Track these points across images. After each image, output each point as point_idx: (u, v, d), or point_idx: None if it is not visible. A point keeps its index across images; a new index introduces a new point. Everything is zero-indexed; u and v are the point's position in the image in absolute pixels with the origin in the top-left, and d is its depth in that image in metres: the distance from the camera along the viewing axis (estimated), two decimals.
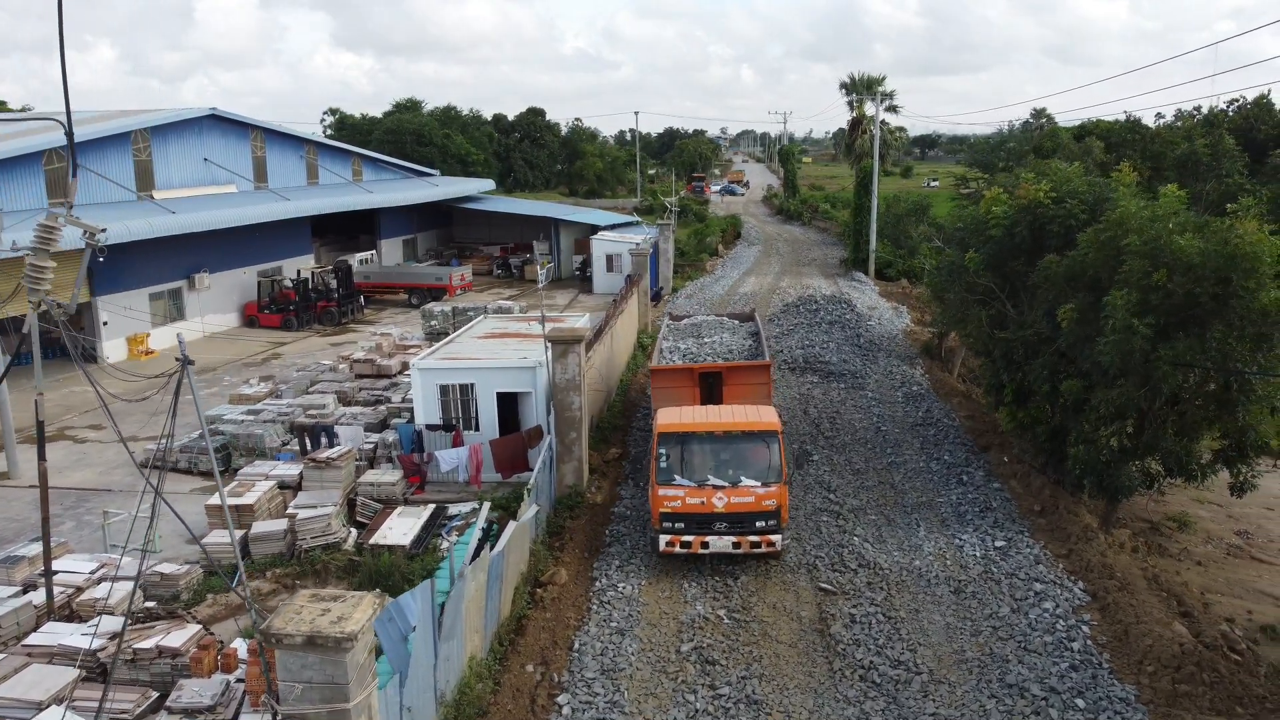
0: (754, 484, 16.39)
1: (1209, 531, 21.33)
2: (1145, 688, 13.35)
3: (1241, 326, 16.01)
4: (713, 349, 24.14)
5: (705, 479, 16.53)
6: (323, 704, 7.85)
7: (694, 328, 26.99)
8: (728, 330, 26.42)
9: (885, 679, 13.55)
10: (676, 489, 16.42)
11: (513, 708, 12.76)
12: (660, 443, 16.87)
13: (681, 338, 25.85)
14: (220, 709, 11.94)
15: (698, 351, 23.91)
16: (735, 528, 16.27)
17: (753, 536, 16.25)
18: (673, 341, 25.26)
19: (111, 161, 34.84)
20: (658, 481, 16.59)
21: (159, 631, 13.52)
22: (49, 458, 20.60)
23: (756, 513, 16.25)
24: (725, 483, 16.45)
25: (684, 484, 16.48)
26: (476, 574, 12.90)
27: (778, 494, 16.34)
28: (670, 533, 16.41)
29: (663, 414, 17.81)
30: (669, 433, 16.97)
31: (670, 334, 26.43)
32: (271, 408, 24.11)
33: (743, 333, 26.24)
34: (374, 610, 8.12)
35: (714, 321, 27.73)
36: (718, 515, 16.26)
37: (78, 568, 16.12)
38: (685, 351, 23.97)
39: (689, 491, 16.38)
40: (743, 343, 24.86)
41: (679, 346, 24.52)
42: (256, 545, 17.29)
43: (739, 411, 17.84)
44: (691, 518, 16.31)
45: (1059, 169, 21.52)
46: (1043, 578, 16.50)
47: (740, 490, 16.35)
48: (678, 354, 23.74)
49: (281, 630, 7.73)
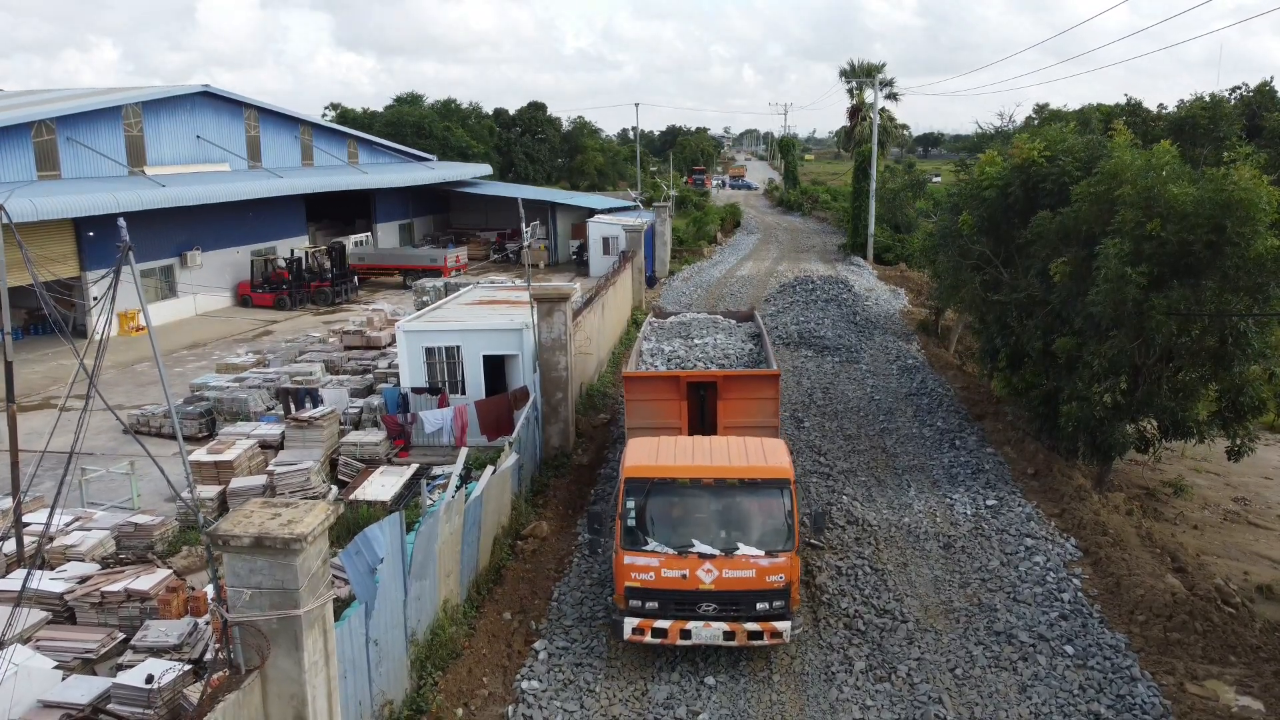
0: (755, 552, 12.07)
1: (1206, 498, 21.00)
2: (1136, 636, 13.06)
3: (1236, 277, 15.72)
4: (704, 352, 19.37)
5: (688, 544, 12.15)
6: (272, 610, 7.56)
7: (682, 326, 21.97)
8: (723, 330, 21.48)
9: (870, 626, 13.26)
10: (648, 556, 12.08)
11: (488, 651, 12.48)
12: (628, 491, 12.41)
13: (666, 338, 20.90)
14: (186, 649, 11.69)
15: (685, 355, 19.20)
16: (728, 611, 11.96)
17: (752, 624, 11.92)
18: (655, 342, 20.44)
19: (102, 136, 34.62)
20: (623, 545, 12.24)
21: (128, 575, 13.28)
22: (31, 425, 20.42)
23: (757, 591, 11.98)
24: (716, 549, 12.11)
25: (659, 550, 12.11)
26: (451, 516, 12.61)
27: (787, 566, 12.04)
28: (639, 614, 12.03)
29: (633, 450, 13.21)
30: (639, 478, 12.46)
31: (653, 333, 21.46)
32: (257, 375, 23.87)
33: (741, 334, 21.32)
34: (326, 516, 7.83)
35: (706, 320, 22.60)
36: (704, 594, 11.96)
37: (53, 520, 15.85)
38: (670, 355, 19.26)
39: (666, 560, 12.05)
40: (741, 346, 20.02)
41: (662, 349, 19.70)
42: (235, 500, 17.00)
43: (737, 450, 13.14)
44: (668, 596, 11.99)
45: (1053, 129, 21.23)
46: (1034, 534, 16.21)
47: (736, 561, 12.03)
48: (660, 357, 19.16)
49: (229, 532, 7.45)
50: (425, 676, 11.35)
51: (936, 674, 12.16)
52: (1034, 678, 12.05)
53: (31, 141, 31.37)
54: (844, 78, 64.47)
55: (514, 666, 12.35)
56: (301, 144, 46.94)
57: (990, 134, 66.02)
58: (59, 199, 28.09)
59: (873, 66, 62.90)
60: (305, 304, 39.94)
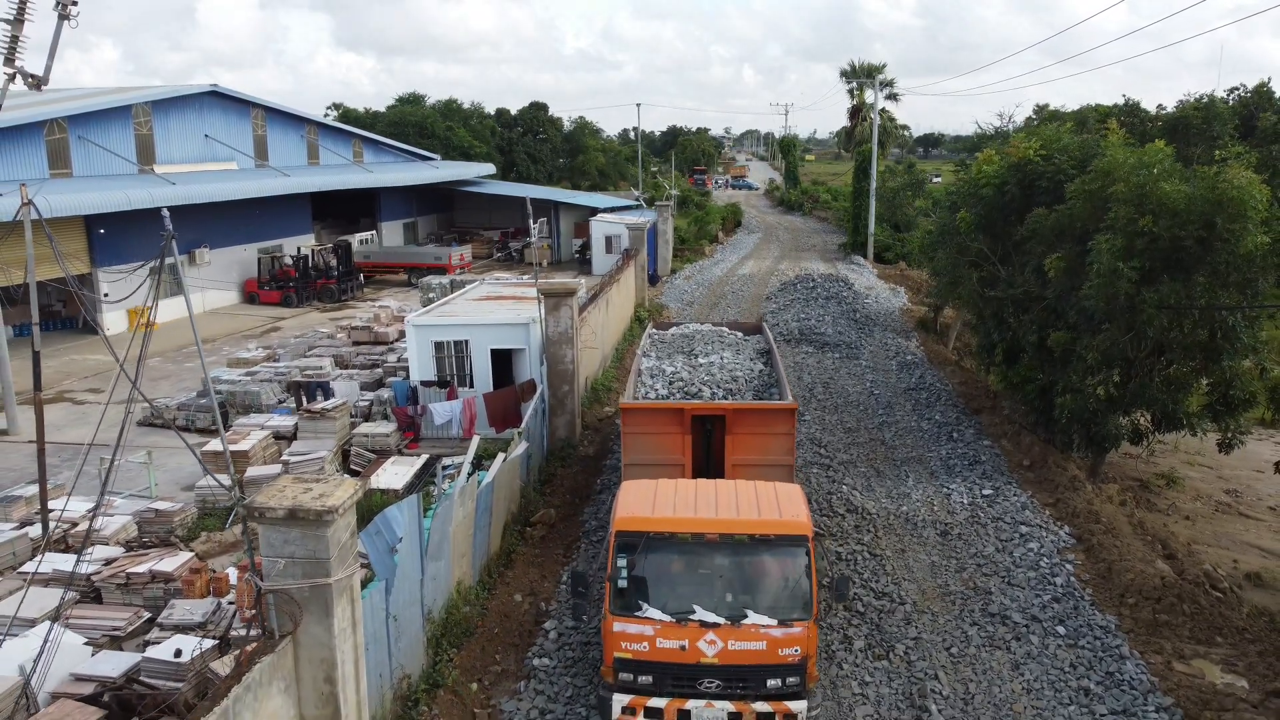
0: (766, 621, 10.41)
1: (1198, 490, 21.45)
2: (1126, 618, 13.52)
3: (1226, 273, 16.17)
4: (710, 374, 17.81)
5: (689, 609, 10.49)
6: (304, 579, 8.02)
7: (685, 340, 20.36)
8: (729, 346, 19.84)
9: (869, 608, 13.71)
10: (642, 624, 10.50)
11: (499, 630, 12.95)
12: (620, 547, 10.74)
13: (668, 355, 19.30)
14: (210, 626, 12.14)
15: (689, 378, 17.58)
16: (734, 688, 10.41)
17: (761, 705, 10.34)
18: (655, 360, 18.76)
19: (113, 134, 35.08)
20: (613, 610, 10.59)
21: (152, 557, 13.74)
22: (49, 418, 20.87)
23: (768, 667, 10.36)
24: (721, 617, 10.45)
25: (654, 616, 10.49)
26: (465, 501, 13.08)
27: (804, 638, 10.42)
28: (630, 690, 10.52)
29: (626, 497, 11.54)
30: (633, 531, 10.77)
31: (653, 348, 19.93)
32: (268, 369, 24.34)
33: (750, 351, 19.70)
34: (355, 491, 8.29)
35: (711, 333, 21.02)
36: (706, 668, 10.39)
37: (75, 507, 16.32)
38: (672, 377, 17.64)
39: (662, 629, 10.45)
40: (751, 366, 18.39)
41: (664, 369, 18.04)
42: (252, 489, 17.45)
43: (747, 498, 11.43)
44: (665, 670, 10.45)
45: (1049, 129, 21.69)
46: (1029, 522, 16.66)
47: (744, 630, 10.38)
48: (661, 380, 17.53)
49: (265, 504, 7.90)
50: (441, 653, 11.81)
51: (932, 652, 12.61)
52: (1026, 656, 12.51)
53: (44, 140, 31.83)
54: (844, 78, 65.05)
55: (525, 645, 12.81)
56: (307, 143, 47.41)
57: (990, 134, 66.55)
58: (72, 196, 28.57)
59: (873, 67, 63.44)
60: (312, 301, 40.40)
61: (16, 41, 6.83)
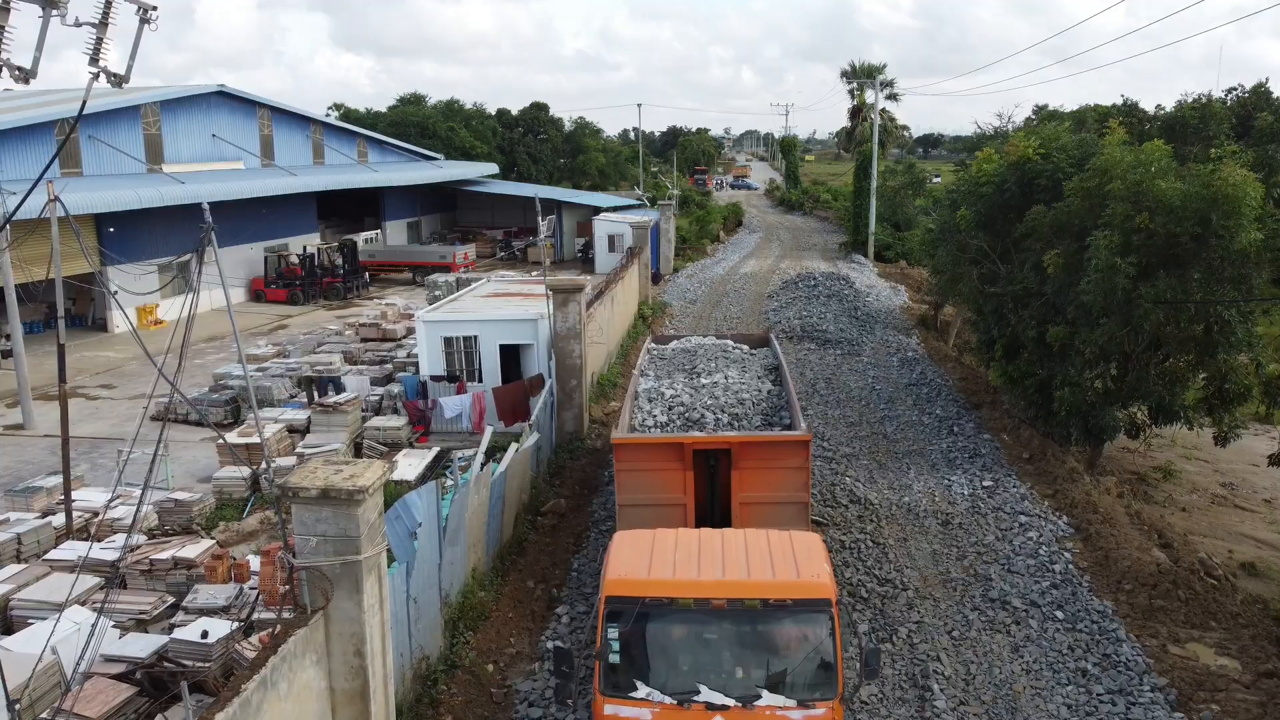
0: (784, 702, 8.72)
1: (1195, 483, 21.84)
2: (1122, 603, 13.88)
3: (1221, 268, 16.56)
4: (713, 396, 15.94)
5: (693, 689, 8.78)
6: (335, 556, 8.39)
7: (686, 357, 18.64)
8: (734, 363, 18.13)
9: (873, 594, 14.08)
10: (638, 706, 8.76)
11: (513, 615, 13.32)
12: (610, 616, 9.03)
13: (667, 373, 17.61)
14: (233, 610, 12.50)
15: (690, 401, 15.75)
16: None
17: None
18: (654, 380, 16.99)
19: (122, 133, 35.46)
20: (604, 691, 8.91)
21: (174, 545, 14.11)
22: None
23: None
24: (730, 698, 8.70)
25: (653, 698, 8.76)
26: (479, 488, 13.45)
27: None
28: None
29: (618, 555, 9.76)
30: (625, 597, 9.05)
31: (651, 365, 18.29)
32: (279, 365, 24.71)
33: (756, 367, 18.04)
34: (383, 473, 8.66)
35: (714, 347, 19.30)
36: None
37: (94, 498, 16.70)
38: (672, 400, 15.79)
39: (662, 712, 8.71)
40: (758, 385, 16.64)
41: (663, 391, 16.20)
42: (266, 481, 17.83)
43: (759, 555, 9.58)
44: None
45: (1048, 128, 22.08)
46: (1028, 512, 17.03)
47: (758, 714, 8.68)
48: (660, 404, 15.71)
49: (299, 484, 8.26)
50: (458, 635, 12.18)
51: (934, 636, 12.98)
52: (1025, 639, 12.88)
53: (55, 139, 32.18)
54: (845, 78, 65.40)
55: (538, 628, 13.18)
56: (313, 143, 47.78)
57: (990, 134, 66.94)
58: (84, 195, 28.90)
59: (873, 67, 63.79)
60: (318, 299, 40.79)
61: (101, 43, 7.25)
